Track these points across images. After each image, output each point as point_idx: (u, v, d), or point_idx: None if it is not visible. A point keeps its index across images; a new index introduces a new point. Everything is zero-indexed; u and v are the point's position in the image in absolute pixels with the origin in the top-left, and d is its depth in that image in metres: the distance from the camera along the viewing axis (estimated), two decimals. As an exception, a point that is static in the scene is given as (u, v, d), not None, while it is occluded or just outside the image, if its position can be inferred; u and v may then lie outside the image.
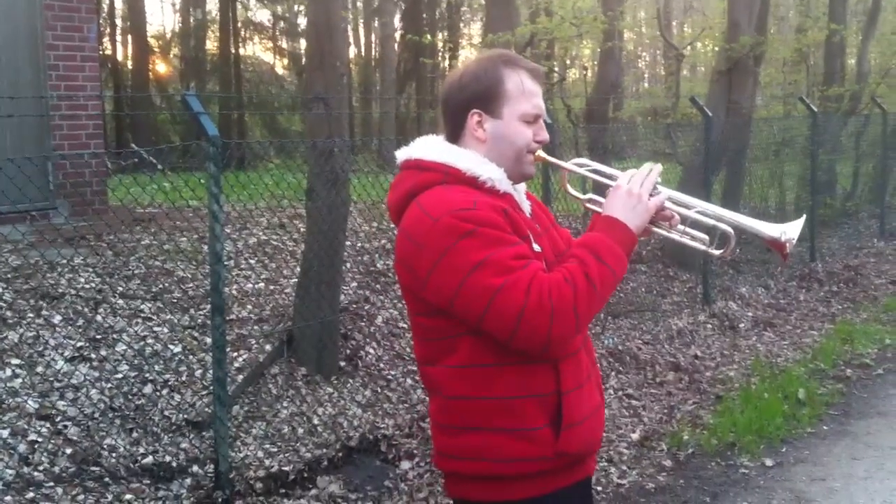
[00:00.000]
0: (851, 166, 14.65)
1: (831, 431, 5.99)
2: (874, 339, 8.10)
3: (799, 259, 11.33)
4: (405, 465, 5.23)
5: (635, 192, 2.25)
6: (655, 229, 2.35)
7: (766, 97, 19.69)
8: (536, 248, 2.21)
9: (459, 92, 2.30)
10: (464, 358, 2.18)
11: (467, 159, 2.25)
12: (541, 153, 2.35)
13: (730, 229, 2.33)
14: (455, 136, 2.34)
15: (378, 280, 7.62)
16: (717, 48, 15.11)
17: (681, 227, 2.37)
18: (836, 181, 14.28)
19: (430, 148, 2.31)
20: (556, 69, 17.60)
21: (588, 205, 2.48)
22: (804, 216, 2.54)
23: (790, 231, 2.31)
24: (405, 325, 6.96)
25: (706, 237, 2.37)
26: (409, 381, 6.25)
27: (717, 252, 2.37)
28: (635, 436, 5.82)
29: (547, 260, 2.23)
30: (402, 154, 2.36)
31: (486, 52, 2.44)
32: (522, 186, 2.42)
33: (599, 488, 5.09)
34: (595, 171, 2.45)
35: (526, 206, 2.37)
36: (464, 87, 2.30)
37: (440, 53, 25.35)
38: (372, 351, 6.48)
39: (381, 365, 6.38)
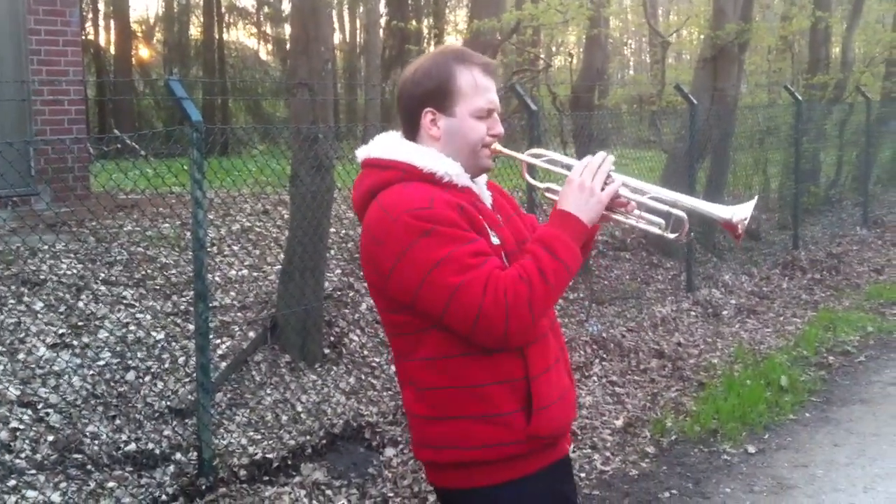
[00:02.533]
0: (835, 154, 14.71)
1: (813, 418, 6.03)
2: (856, 327, 8.14)
3: (782, 247, 11.39)
4: (389, 452, 5.23)
5: (587, 185, 2.27)
6: (613, 216, 2.38)
7: (750, 85, 19.70)
8: (495, 241, 2.26)
9: (413, 90, 2.33)
10: (433, 350, 2.23)
11: (424, 156, 2.27)
12: (497, 146, 2.37)
13: (683, 214, 2.36)
14: (411, 133, 2.37)
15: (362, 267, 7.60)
16: (702, 36, 15.12)
17: (637, 212, 2.40)
18: (819, 169, 14.33)
19: (388, 146, 2.34)
20: (542, 56, 17.56)
21: (546, 194, 2.50)
22: (755, 198, 2.57)
23: (740, 212, 2.33)
24: (389, 312, 6.95)
25: (661, 221, 2.39)
26: (393, 368, 6.23)
27: (672, 235, 2.39)
28: (619, 423, 5.84)
29: (507, 251, 2.28)
30: (361, 153, 2.39)
31: (440, 48, 2.45)
32: (483, 178, 2.45)
33: (583, 475, 5.11)
34: (550, 162, 2.47)
35: (487, 198, 2.40)
36: (417, 85, 2.33)
37: (426, 40, 25.22)
38: (356, 338, 6.47)
39: (365, 352, 6.37)
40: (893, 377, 6.82)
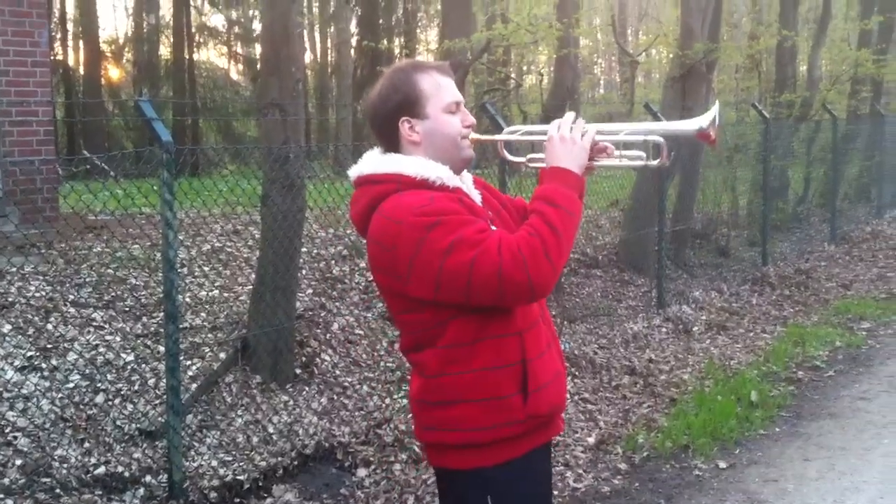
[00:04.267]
0: (803, 172, 14.88)
1: (783, 433, 6.07)
2: (825, 342, 8.22)
3: (751, 263, 11.49)
4: (361, 472, 5.21)
5: (568, 137, 2.43)
6: (596, 163, 2.54)
7: (719, 103, 19.89)
8: (493, 228, 2.39)
9: (383, 106, 2.48)
10: (448, 340, 2.37)
11: (414, 165, 2.41)
12: (474, 135, 2.53)
13: (660, 139, 2.48)
14: (392, 146, 2.51)
15: (334, 286, 7.59)
16: (671, 55, 15.27)
17: (617, 153, 2.54)
18: (787, 186, 14.49)
19: (377, 162, 2.47)
20: (513, 75, 17.67)
21: (530, 164, 2.68)
22: (717, 103, 2.66)
23: (706, 119, 2.45)
24: (361, 332, 6.94)
25: (642, 154, 2.54)
26: (365, 388, 6.23)
27: (655, 163, 2.53)
28: (591, 440, 5.86)
29: None
30: (353, 172, 2.52)
31: (394, 65, 2.60)
32: (469, 177, 2.59)
33: (556, 492, 5.11)
34: (527, 133, 2.65)
35: (476, 196, 2.52)
36: (386, 101, 2.47)
37: (397, 59, 25.30)
38: (328, 358, 6.45)
39: (338, 372, 6.35)
40: (862, 391, 6.89)
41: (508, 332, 2.38)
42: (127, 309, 6.49)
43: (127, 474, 4.76)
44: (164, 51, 27.08)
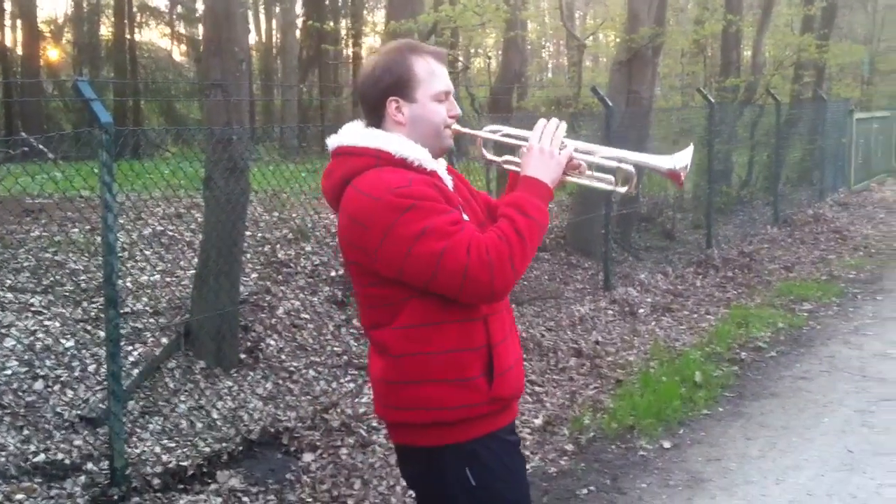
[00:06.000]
0: (747, 155, 15.07)
1: (726, 413, 6.15)
2: (767, 323, 8.34)
3: (696, 246, 11.62)
4: (308, 457, 5.16)
5: (547, 149, 2.50)
6: (567, 178, 2.58)
7: (665, 88, 20.07)
8: (465, 217, 2.44)
9: (375, 85, 2.49)
10: (409, 319, 2.40)
11: (395, 143, 2.43)
12: (456, 126, 2.57)
13: (631, 168, 2.56)
14: (376, 122, 2.53)
15: (280, 271, 7.51)
16: (618, 39, 15.35)
17: (588, 172, 2.62)
18: (732, 170, 14.67)
19: (359, 134, 2.49)
20: (461, 58, 17.62)
21: (505, 165, 2.72)
22: (691, 145, 2.71)
23: (680, 160, 2.53)
24: (307, 316, 6.88)
25: (612, 178, 2.60)
26: (311, 372, 6.18)
27: (622, 189, 2.62)
28: (538, 421, 5.88)
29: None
30: (332, 142, 2.53)
31: (392, 43, 2.61)
32: (443, 163, 2.59)
33: (502, 475, 5.11)
34: (507, 136, 2.68)
35: (448, 181, 2.54)
36: (378, 80, 2.49)
37: (343, 41, 25.09)
38: (273, 343, 6.39)
39: (283, 357, 6.29)
40: (803, 371, 7.01)
41: (473, 316, 2.42)
42: (66, 294, 6.36)
43: (67, 462, 4.68)
44: (105, 31, 26.56)
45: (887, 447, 5.40)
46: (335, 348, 6.59)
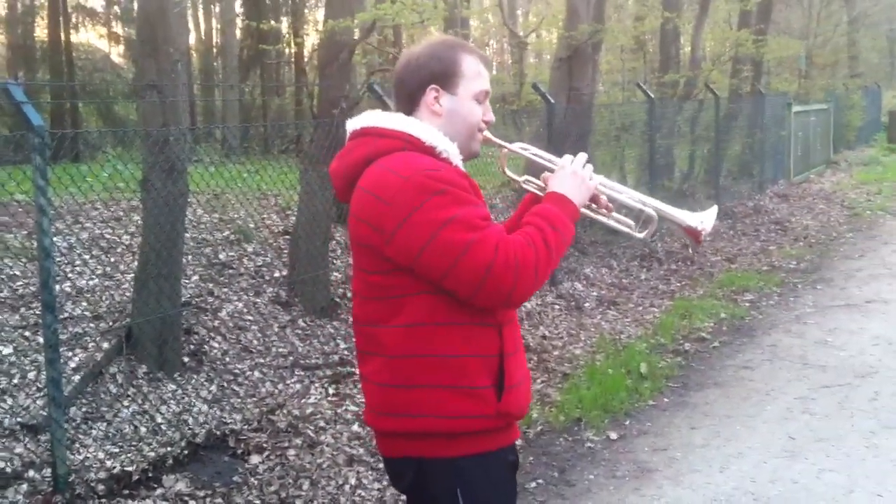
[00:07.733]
0: (688, 150, 15.24)
1: (671, 403, 6.22)
2: (710, 314, 8.46)
3: (640, 239, 11.71)
4: (255, 459, 5.11)
5: (580, 173, 2.49)
6: (590, 214, 2.59)
7: (606, 84, 20.25)
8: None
9: (418, 70, 2.42)
10: (414, 317, 2.25)
11: (426, 131, 2.34)
12: (488, 134, 2.52)
13: (653, 213, 2.59)
14: (409, 111, 2.44)
15: (222, 272, 7.42)
16: (559, 36, 15.43)
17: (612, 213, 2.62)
18: (673, 164, 14.82)
19: (386, 117, 2.40)
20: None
21: (524, 185, 2.70)
22: (715, 206, 2.72)
23: (707, 220, 2.57)
24: (251, 318, 6.81)
25: (632, 222, 2.64)
26: (256, 373, 6.12)
27: (640, 235, 2.65)
28: (486, 417, 5.87)
29: None
30: (356, 122, 2.43)
31: (440, 38, 2.56)
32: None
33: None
34: (536, 155, 2.67)
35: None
36: (422, 66, 2.42)
37: (284, 39, 24.85)
38: (217, 345, 6.31)
39: (227, 359, 6.22)
40: (745, 361, 7.11)
41: (487, 321, 2.29)
42: (3, 300, 6.22)
43: (9, 470, 4.59)
44: (40, 32, 26.00)
45: (827, 433, 5.50)
46: (280, 349, 6.53)
